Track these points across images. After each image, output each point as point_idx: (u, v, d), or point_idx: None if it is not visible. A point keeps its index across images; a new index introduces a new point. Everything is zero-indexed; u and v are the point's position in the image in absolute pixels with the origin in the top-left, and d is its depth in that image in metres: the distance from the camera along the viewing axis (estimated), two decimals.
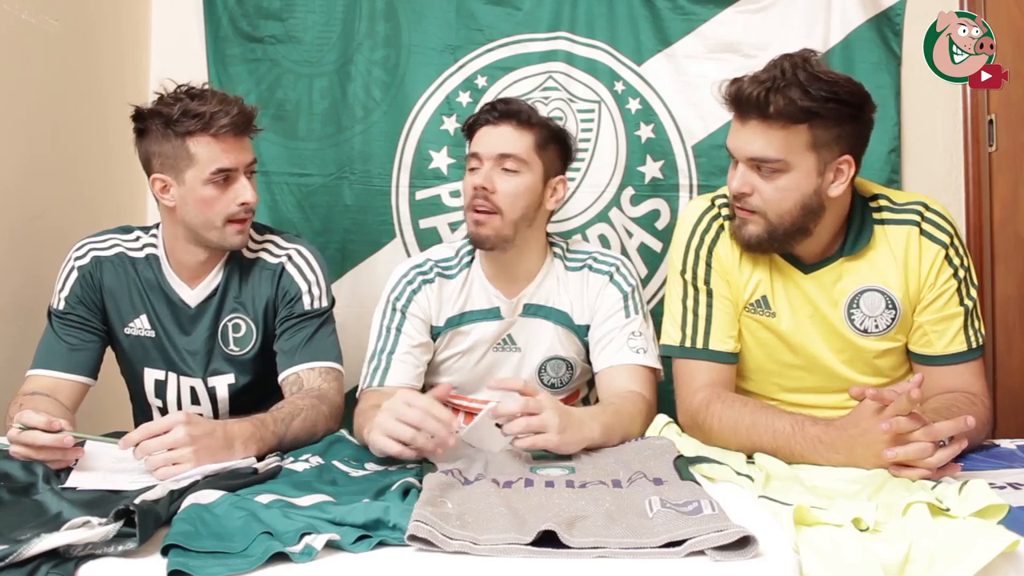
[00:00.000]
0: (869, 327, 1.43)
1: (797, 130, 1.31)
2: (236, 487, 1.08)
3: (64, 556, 0.87)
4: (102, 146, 2.09)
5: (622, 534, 0.90)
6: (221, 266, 1.57)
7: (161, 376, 1.60)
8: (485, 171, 1.56)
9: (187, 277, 1.57)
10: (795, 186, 1.34)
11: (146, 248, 1.58)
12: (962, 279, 1.42)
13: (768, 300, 1.46)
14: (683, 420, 1.44)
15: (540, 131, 1.59)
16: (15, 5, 1.74)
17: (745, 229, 1.40)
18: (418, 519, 0.91)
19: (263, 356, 1.58)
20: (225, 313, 1.57)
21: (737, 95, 1.33)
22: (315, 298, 1.57)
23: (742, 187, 1.36)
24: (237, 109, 1.45)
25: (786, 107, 1.28)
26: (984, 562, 0.85)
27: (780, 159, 1.32)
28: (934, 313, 1.41)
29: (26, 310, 1.76)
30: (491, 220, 1.54)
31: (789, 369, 1.50)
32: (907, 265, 1.41)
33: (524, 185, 1.56)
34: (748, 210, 1.38)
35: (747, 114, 1.33)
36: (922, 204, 1.44)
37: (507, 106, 1.59)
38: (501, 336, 1.64)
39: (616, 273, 1.62)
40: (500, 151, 1.56)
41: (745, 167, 1.36)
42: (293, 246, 1.61)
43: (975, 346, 1.42)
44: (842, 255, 1.43)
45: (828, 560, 0.86)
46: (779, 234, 1.37)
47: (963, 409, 1.31)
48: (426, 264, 1.65)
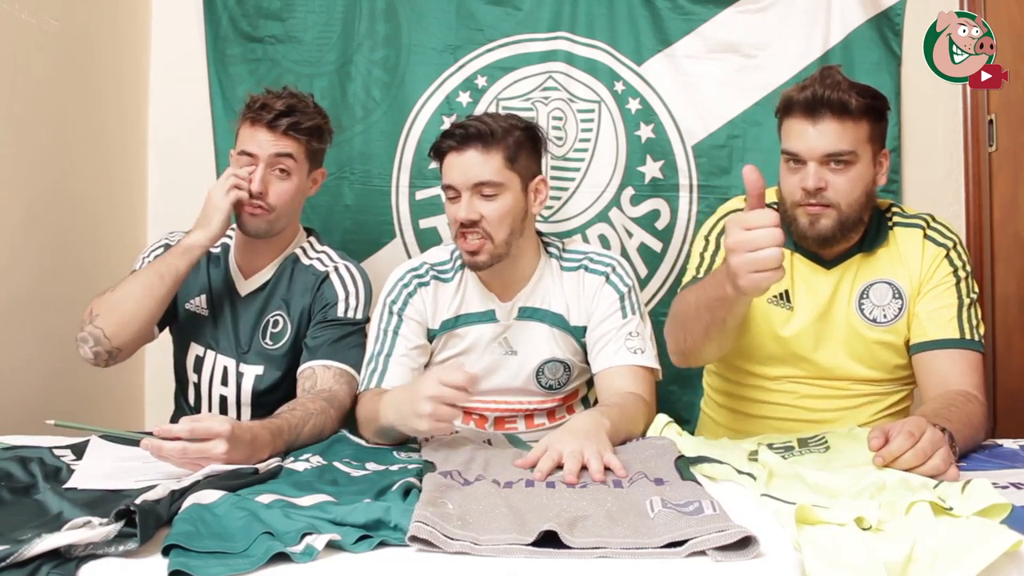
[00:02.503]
0: (878, 316, 1.54)
1: (861, 125, 1.46)
2: (237, 487, 1.07)
3: (65, 556, 0.87)
4: (102, 146, 2.08)
5: (623, 534, 0.90)
6: (275, 265, 1.69)
7: (201, 352, 1.68)
8: (465, 203, 1.53)
9: (244, 268, 1.70)
10: (861, 176, 1.48)
11: (223, 240, 1.70)
12: (961, 278, 1.52)
13: (789, 295, 1.57)
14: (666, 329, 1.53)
15: (506, 146, 1.53)
16: (15, 5, 1.74)
17: (819, 224, 1.48)
18: (419, 520, 0.91)
19: (292, 356, 1.64)
20: (270, 309, 1.66)
21: (812, 98, 1.45)
22: (350, 308, 1.63)
23: (818, 183, 1.46)
24: (281, 108, 1.58)
25: (858, 104, 1.44)
26: (987, 562, 0.84)
27: (852, 151, 1.46)
28: (930, 302, 1.51)
29: (26, 311, 1.76)
30: (483, 247, 1.54)
31: (799, 360, 1.58)
32: (912, 260, 1.53)
33: (506, 206, 1.54)
34: (823, 204, 1.47)
35: (821, 114, 1.45)
36: (929, 216, 1.59)
37: (467, 129, 1.53)
38: (497, 340, 1.64)
39: (612, 273, 1.62)
40: (473, 181, 1.52)
41: (817, 164, 1.46)
42: (344, 262, 1.71)
43: (968, 337, 1.47)
44: (860, 251, 1.55)
45: (830, 560, 0.86)
46: (848, 223, 1.49)
47: (962, 407, 1.34)
48: (422, 267, 1.65)
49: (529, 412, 1.68)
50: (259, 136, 1.59)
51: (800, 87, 1.48)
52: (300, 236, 1.74)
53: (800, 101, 1.47)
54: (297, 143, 1.61)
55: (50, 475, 1.17)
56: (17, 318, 1.75)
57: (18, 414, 1.69)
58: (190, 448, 1.16)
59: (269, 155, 1.59)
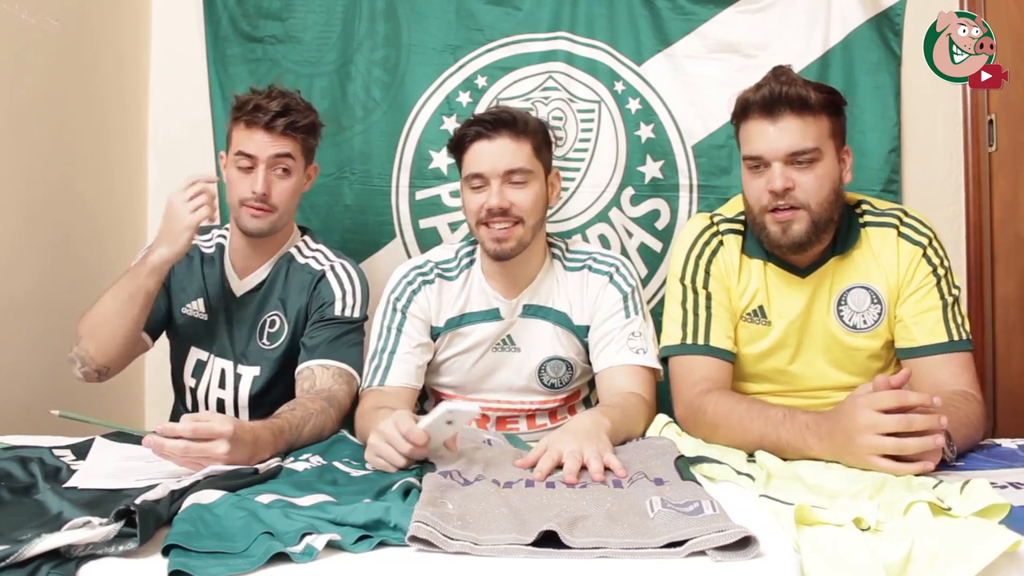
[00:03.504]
0: (858, 323, 1.49)
1: (821, 120, 1.42)
2: (237, 487, 1.08)
3: (65, 556, 0.87)
4: (102, 146, 2.08)
5: (623, 534, 0.90)
6: (271, 264, 1.68)
7: (204, 357, 1.68)
8: (496, 190, 1.52)
9: (239, 268, 1.69)
10: (827, 174, 1.43)
11: (216, 239, 1.73)
12: (941, 276, 1.47)
13: (764, 310, 1.52)
14: (679, 412, 1.46)
15: (534, 135, 1.56)
16: (15, 5, 1.74)
17: (791, 229, 1.44)
18: (419, 520, 0.91)
19: (289, 355, 1.64)
20: (267, 309, 1.66)
21: (769, 96, 1.41)
22: (347, 306, 1.64)
23: (785, 183, 1.42)
24: (280, 109, 1.58)
25: (816, 98, 1.40)
26: (986, 562, 0.85)
27: (816, 147, 1.41)
28: (913, 305, 1.47)
29: (26, 311, 1.76)
30: (514, 232, 1.53)
31: (780, 374, 1.55)
32: (887, 262, 1.48)
33: (535, 194, 1.55)
34: (791, 207, 1.43)
35: (780, 112, 1.41)
36: (901, 211, 1.52)
37: (499, 115, 1.54)
38: (501, 337, 1.64)
39: (616, 273, 1.63)
40: (505, 168, 1.52)
41: (781, 165, 1.42)
42: (339, 260, 1.71)
43: (956, 338, 1.45)
44: (833, 255, 1.49)
45: (829, 560, 0.86)
46: (820, 224, 1.43)
47: (960, 407, 1.34)
48: (426, 265, 1.65)
49: (531, 412, 1.69)
50: (257, 138, 1.59)
51: (755, 87, 1.44)
52: (295, 235, 1.74)
53: (757, 101, 1.42)
54: (295, 142, 1.62)
55: (50, 475, 1.17)
56: (17, 317, 1.75)
57: (18, 413, 1.69)
58: (192, 447, 1.16)
59: (269, 156, 1.59)
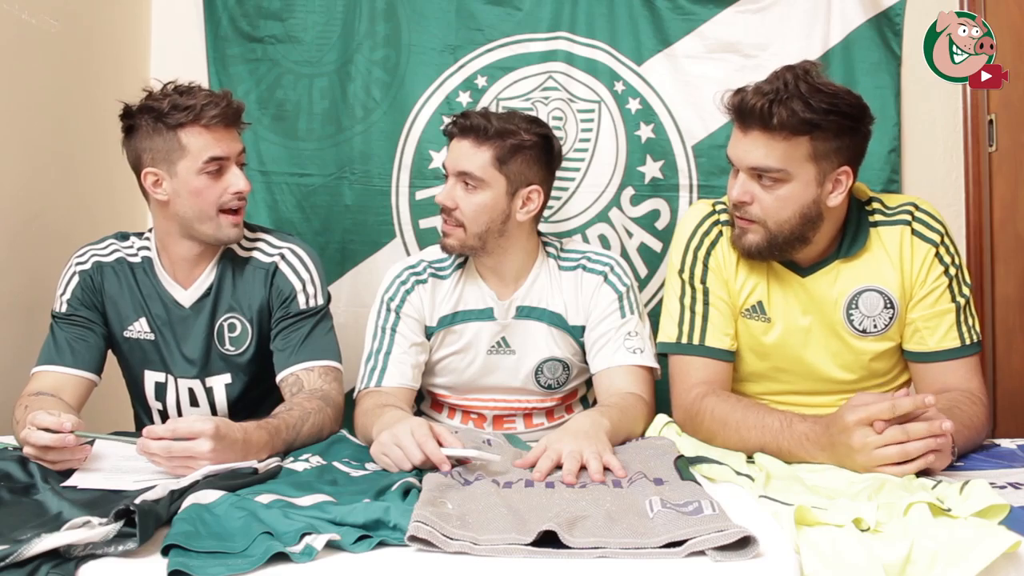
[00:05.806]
0: (868, 327, 1.45)
1: (798, 141, 1.32)
2: (236, 487, 1.08)
3: (64, 556, 0.87)
4: (102, 146, 2.08)
5: (622, 534, 0.91)
6: (214, 265, 1.57)
7: (161, 379, 1.60)
8: (448, 187, 1.57)
9: (180, 277, 1.57)
10: (795, 196, 1.36)
11: (141, 252, 1.59)
12: (953, 276, 1.43)
13: (764, 306, 1.48)
14: (677, 416, 1.45)
15: (500, 146, 1.53)
16: (15, 5, 1.74)
17: (745, 238, 1.41)
18: (418, 519, 0.91)
19: (259, 357, 1.58)
20: (220, 313, 1.57)
21: (740, 106, 1.35)
22: (310, 296, 1.57)
23: (742, 196, 1.38)
24: (226, 101, 1.48)
25: (789, 119, 1.30)
26: (985, 563, 0.85)
27: (781, 169, 1.34)
28: (925, 309, 1.43)
29: (26, 311, 1.76)
30: (455, 232, 1.57)
31: (782, 373, 1.52)
32: (901, 263, 1.43)
33: (483, 203, 1.54)
34: (748, 219, 1.39)
35: (749, 124, 1.35)
36: (912, 205, 1.46)
37: (468, 120, 1.55)
38: (495, 339, 1.64)
39: (611, 273, 1.62)
40: (459, 168, 1.56)
41: (746, 176, 1.38)
42: (286, 245, 1.60)
43: (968, 343, 1.43)
44: (838, 257, 1.45)
45: (829, 560, 0.86)
46: (779, 242, 1.39)
47: (965, 409, 1.32)
48: (419, 264, 1.65)
49: (528, 411, 1.69)
50: (222, 136, 1.47)
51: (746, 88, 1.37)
52: None
53: (734, 106, 1.37)
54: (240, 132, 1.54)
55: (50, 475, 1.17)
56: (17, 318, 1.75)
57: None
58: (175, 447, 1.15)
59: (236, 153, 1.51)
